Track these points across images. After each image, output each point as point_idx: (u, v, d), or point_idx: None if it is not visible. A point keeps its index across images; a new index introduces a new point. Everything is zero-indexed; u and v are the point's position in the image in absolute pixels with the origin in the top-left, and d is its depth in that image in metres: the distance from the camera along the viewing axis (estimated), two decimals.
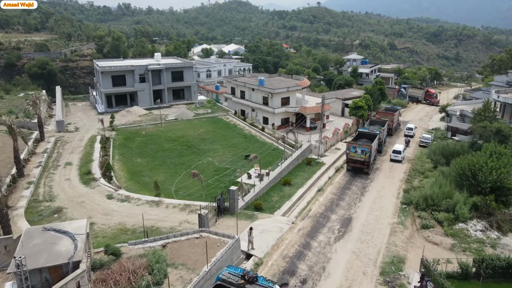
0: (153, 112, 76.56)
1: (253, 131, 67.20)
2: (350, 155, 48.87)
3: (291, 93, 72.57)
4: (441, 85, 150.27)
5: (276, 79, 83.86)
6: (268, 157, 53.95)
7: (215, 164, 51.90)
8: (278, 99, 71.15)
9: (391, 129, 69.04)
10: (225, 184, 45.01)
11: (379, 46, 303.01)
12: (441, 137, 68.24)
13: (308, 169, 50.69)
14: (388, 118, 67.70)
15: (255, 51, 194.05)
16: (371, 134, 53.73)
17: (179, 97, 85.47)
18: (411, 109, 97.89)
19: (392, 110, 73.62)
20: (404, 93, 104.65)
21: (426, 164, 51.17)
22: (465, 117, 72.51)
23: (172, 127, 68.19)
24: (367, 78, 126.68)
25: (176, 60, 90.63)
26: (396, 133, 72.18)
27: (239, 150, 57.47)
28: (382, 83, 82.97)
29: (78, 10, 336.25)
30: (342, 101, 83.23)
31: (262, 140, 62.44)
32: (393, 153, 56.08)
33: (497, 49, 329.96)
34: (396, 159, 55.46)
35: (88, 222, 26.87)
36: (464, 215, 36.08)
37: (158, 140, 61.28)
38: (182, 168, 50.72)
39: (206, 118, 74.12)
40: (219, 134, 64.87)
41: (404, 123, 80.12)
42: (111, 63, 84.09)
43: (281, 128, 72.46)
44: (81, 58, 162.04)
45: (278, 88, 70.22)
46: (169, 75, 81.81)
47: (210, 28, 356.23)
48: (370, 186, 46.14)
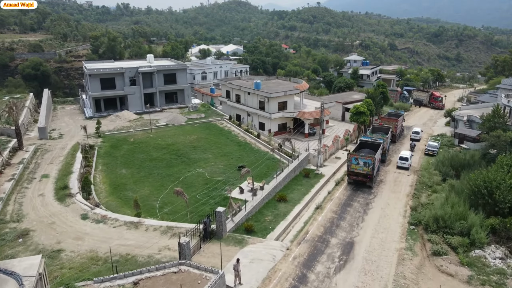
0: (144, 117, 72.24)
1: (248, 138, 62.91)
2: (352, 167, 44.53)
3: (288, 97, 68.24)
4: (443, 87, 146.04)
5: (273, 82, 79.52)
6: (263, 167, 49.65)
7: (206, 176, 47.62)
8: (275, 103, 66.83)
9: (395, 135, 64.76)
10: (215, 200, 40.83)
11: (379, 47, 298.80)
12: (448, 145, 63.92)
13: (305, 182, 46.38)
14: (391, 125, 63.40)
15: (254, 52, 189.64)
16: (374, 143, 49.41)
17: (172, 100, 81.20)
18: (414, 112, 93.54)
19: (396, 115, 69.30)
20: (406, 96, 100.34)
21: (434, 176, 46.80)
22: (473, 122, 68.14)
23: (162, 134, 63.89)
24: (368, 80, 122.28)
25: (170, 62, 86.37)
26: (400, 139, 67.89)
27: (232, 160, 53.19)
28: (384, 86, 78.63)
29: (76, 10, 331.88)
30: (343, 105, 78.89)
31: (257, 148, 58.13)
32: (399, 160, 52.66)
33: (498, 50, 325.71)
34: (403, 166, 52.13)
35: (43, 260, 22.53)
36: (481, 240, 31.76)
37: (146, 148, 56.99)
38: (169, 180, 46.45)
39: (199, 124, 69.80)
40: (211, 142, 60.57)
41: (408, 128, 75.94)
42: (100, 65, 79.87)
43: (278, 134, 68.17)
44: (76, 58, 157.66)
45: (275, 92, 65.89)
46: (161, 77, 77.53)
47: (209, 28, 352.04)
48: (374, 202, 41.81)
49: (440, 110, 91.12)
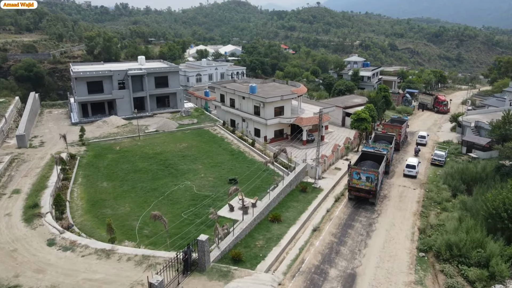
0: (133, 123, 67.91)
1: (242, 146, 58.59)
2: (353, 182, 40.16)
3: (285, 102, 63.89)
4: (445, 88, 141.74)
5: (270, 85, 75.16)
6: (256, 180, 45.28)
7: (193, 190, 43.28)
8: (270, 109, 62.50)
9: (399, 143, 60.42)
10: (201, 219, 36.54)
11: (379, 47, 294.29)
12: (455, 153, 59.55)
13: (302, 198, 42.04)
14: (395, 132, 59.08)
15: (252, 52, 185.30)
16: (377, 154, 45.02)
17: (164, 104, 76.90)
18: (417, 116, 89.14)
19: (399, 121, 64.96)
20: (409, 99, 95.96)
21: (443, 191, 42.36)
22: (481, 129, 63.79)
23: (151, 141, 59.56)
24: (369, 82, 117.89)
25: (162, 64, 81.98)
26: (404, 147, 63.53)
27: (223, 171, 48.86)
28: (386, 89, 74.30)
29: (75, 10, 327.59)
30: (343, 110, 74.52)
31: (251, 158, 53.78)
32: (407, 168, 49.82)
33: (499, 50, 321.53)
34: (411, 174, 49.46)
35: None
36: (502, 273, 27.43)
37: (132, 158, 52.65)
38: (153, 195, 42.14)
39: (190, 130, 65.44)
40: (202, 150, 56.23)
41: (412, 134, 71.65)
42: (87, 67, 75.58)
43: (274, 141, 63.92)
44: (71, 59, 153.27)
45: (270, 97, 61.55)
46: (152, 80, 73.21)
47: (209, 28, 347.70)
48: (377, 222, 37.46)
49: (445, 114, 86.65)
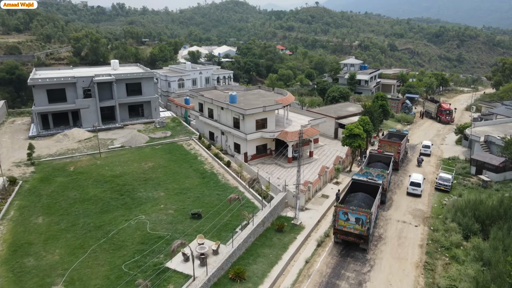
0: (99, 136, 59.49)
1: (216, 166, 50.09)
2: (339, 224, 31.60)
3: (269, 113, 55.35)
4: (447, 91, 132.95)
5: (254, 93, 66.62)
6: (226, 213, 36.80)
7: (146, 229, 34.79)
8: (251, 121, 53.97)
9: (398, 162, 51.83)
10: (146, 273, 28.15)
11: (379, 47, 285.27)
12: (463, 173, 50.94)
13: (277, 240, 33.52)
14: (393, 150, 50.49)
15: (247, 54, 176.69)
16: (370, 184, 36.44)
17: (137, 114, 68.51)
18: (418, 125, 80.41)
19: (399, 136, 56.35)
20: (409, 105, 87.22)
21: (452, 233, 33.67)
22: (492, 144, 55.17)
23: (113, 159, 51.07)
24: (366, 86, 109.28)
25: (138, 69, 73.46)
26: (404, 166, 54.88)
27: (188, 201, 40.40)
28: (384, 98, 65.62)
29: (70, 10, 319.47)
30: (336, 120, 65.94)
31: (225, 182, 45.27)
32: (411, 186, 44.66)
33: (500, 50, 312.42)
34: (415, 193, 44.38)
35: None
36: None
37: (84, 182, 44.17)
38: (95, 236, 33.71)
39: (161, 145, 56.89)
40: (170, 171, 47.72)
41: (413, 148, 63.08)
42: (49, 73, 67.24)
43: (256, 157, 55.45)
44: (57, 61, 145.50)
45: (251, 108, 53.01)
46: (123, 88, 64.75)
47: (206, 29, 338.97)
48: (370, 279, 28.89)
49: (448, 124, 77.80)
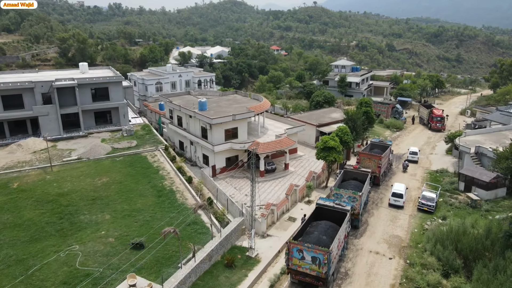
0: (58, 146, 54.51)
1: (177, 181, 44.94)
2: (294, 263, 26.36)
3: (239, 122, 50.20)
4: (443, 94, 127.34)
5: (230, 99, 61.46)
6: (174, 243, 31.69)
7: (75, 264, 29.67)
8: (220, 131, 48.84)
9: (379, 177, 46.54)
10: None
11: (377, 48, 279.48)
12: (450, 189, 45.67)
13: (224, 280, 28.35)
14: (373, 164, 45.25)
15: (239, 54, 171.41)
16: (338, 211, 31.19)
17: (105, 121, 63.42)
18: (408, 132, 75.06)
19: (381, 147, 51.11)
20: (400, 110, 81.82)
21: (431, 272, 28.32)
22: (484, 156, 49.81)
23: (65, 174, 45.96)
24: (357, 89, 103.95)
25: (108, 73, 68.24)
26: (386, 180, 49.53)
27: (135, 226, 35.28)
28: (369, 104, 60.24)
29: (66, 10, 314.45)
30: (316, 128, 60.67)
31: (182, 202, 40.12)
32: (392, 197, 41.91)
33: (500, 50, 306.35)
34: (397, 204, 41.62)
35: None
36: None
37: (23, 202, 39.05)
38: (13, 273, 28.67)
39: (123, 157, 51.73)
40: (124, 189, 42.57)
41: (398, 158, 57.82)
42: (7, 76, 62.22)
43: (226, 170, 50.31)
44: (43, 62, 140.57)
45: (218, 117, 47.87)
46: (88, 93, 59.64)
47: (203, 29, 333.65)
48: None
49: (440, 132, 72.24)
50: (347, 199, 34.54)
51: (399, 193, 41.72)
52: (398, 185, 43.57)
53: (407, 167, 53.84)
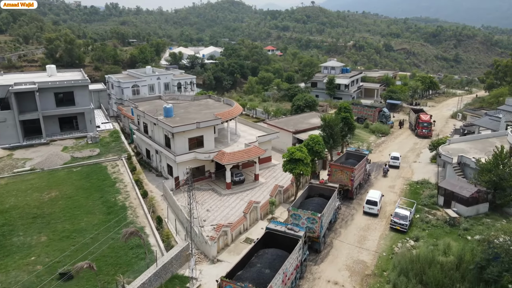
0: (15, 154, 50.86)
1: (133, 195, 41.21)
2: None
3: (205, 130, 46.41)
4: (437, 95, 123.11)
5: (201, 103, 57.63)
6: (109, 273, 27.94)
7: None
8: (183, 140, 45.08)
9: (351, 190, 42.65)
10: None
11: (374, 48, 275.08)
12: (429, 204, 41.78)
13: None
14: (344, 177, 41.42)
15: (231, 55, 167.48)
16: (288, 237, 27.36)
17: (71, 127, 59.79)
18: (394, 137, 71.06)
19: (357, 156, 47.20)
20: (387, 114, 77.78)
21: None
22: (467, 167, 45.87)
23: (12, 187, 42.30)
24: (347, 91, 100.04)
25: (77, 76, 64.47)
26: (361, 192, 45.57)
27: (69, 251, 31.46)
28: (348, 109, 56.28)
29: (63, 10, 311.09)
30: (293, 135, 56.82)
31: (132, 220, 36.41)
32: (367, 205, 40.20)
33: (498, 50, 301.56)
34: (371, 212, 39.94)
35: None
36: None
37: None
38: None
39: (81, 167, 48.01)
40: (72, 204, 38.86)
41: (379, 167, 53.96)
42: None
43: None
44: (30, 63, 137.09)
45: (180, 125, 44.09)
46: (51, 98, 56.06)
47: (200, 29, 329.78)
48: None
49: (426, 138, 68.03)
50: (306, 221, 30.73)
51: (373, 201, 39.92)
52: (373, 192, 41.59)
53: (387, 171, 51.71)
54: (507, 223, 37.22)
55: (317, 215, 30.54)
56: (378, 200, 40.30)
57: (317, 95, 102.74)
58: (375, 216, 39.57)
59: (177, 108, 53.31)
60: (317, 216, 30.49)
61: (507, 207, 39.93)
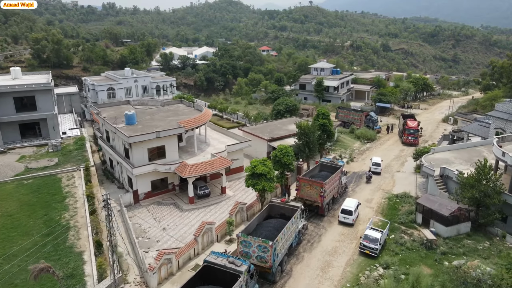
0: None
1: (81, 213, 37.29)
2: None
3: (167, 139, 42.50)
4: (431, 97, 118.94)
5: (171, 109, 53.71)
6: None
7: None
8: (141, 151, 41.20)
9: (322, 207, 38.65)
10: None
11: (371, 48, 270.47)
12: (407, 222, 37.79)
13: None
14: (314, 192, 37.45)
15: (224, 55, 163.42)
16: (228, 272, 23.43)
17: (34, 134, 55.89)
18: (379, 144, 67.02)
19: (332, 168, 43.16)
20: (374, 118, 73.75)
21: None
22: (450, 180, 41.89)
23: None
24: (336, 93, 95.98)
25: (41, 79, 60.50)
26: (335, 208, 41.58)
27: None
28: (326, 115, 52.17)
29: (59, 10, 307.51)
30: (268, 143, 52.81)
31: (71, 244, 32.46)
32: (342, 214, 37.85)
33: (497, 50, 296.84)
34: (346, 221, 37.69)
35: None
36: None
37: None
38: None
39: (34, 179, 44.11)
40: (9, 224, 34.95)
41: (358, 177, 50.01)
42: None
43: (153, 195, 42.89)
44: (16, 64, 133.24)
45: (138, 135, 40.20)
46: (10, 102, 52.16)
47: (197, 29, 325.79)
48: None
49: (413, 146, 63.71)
50: (256, 249, 26.81)
51: (348, 210, 37.60)
52: (349, 201, 39.16)
53: (370, 177, 49.36)
54: (489, 245, 33.36)
55: (268, 243, 26.57)
56: (354, 209, 37.64)
57: (306, 98, 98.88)
58: (351, 226, 37.33)
59: (143, 115, 49.53)
60: (269, 244, 26.51)
61: (491, 227, 35.95)
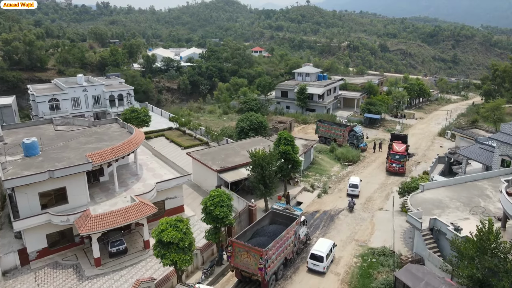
0: None
1: None
2: None
3: (69, 179, 31.32)
4: (428, 103, 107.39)
5: (102, 130, 42.47)
6: None
7: None
8: (30, 196, 30.04)
9: (264, 282, 27.27)
10: None
11: (369, 48, 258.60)
12: None
13: None
14: (252, 261, 26.21)
15: (210, 57, 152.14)
16: None
17: None
18: (362, 167, 55.63)
19: (286, 219, 31.83)
20: (359, 134, 62.38)
21: None
22: (442, 236, 30.51)
23: None
24: (321, 102, 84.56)
25: None
26: (288, 274, 30.29)
27: None
28: (290, 141, 40.70)
29: (52, 9, 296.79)
30: (218, 174, 41.40)
31: None
32: (311, 259, 30.38)
33: (497, 51, 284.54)
34: (316, 269, 30.26)
35: None
36: None
37: None
38: None
39: None
40: None
41: (330, 219, 38.83)
42: None
43: (51, 253, 31.86)
44: None
45: (20, 177, 29.06)
46: None
47: (192, 29, 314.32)
48: None
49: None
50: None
51: (319, 255, 30.16)
52: (321, 243, 31.58)
53: (353, 205, 41.37)
54: None
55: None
56: (325, 254, 30.10)
57: (288, 107, 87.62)
58: (322, 275, 29.93)
59: (57, 140, 38.45)
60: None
61: None
